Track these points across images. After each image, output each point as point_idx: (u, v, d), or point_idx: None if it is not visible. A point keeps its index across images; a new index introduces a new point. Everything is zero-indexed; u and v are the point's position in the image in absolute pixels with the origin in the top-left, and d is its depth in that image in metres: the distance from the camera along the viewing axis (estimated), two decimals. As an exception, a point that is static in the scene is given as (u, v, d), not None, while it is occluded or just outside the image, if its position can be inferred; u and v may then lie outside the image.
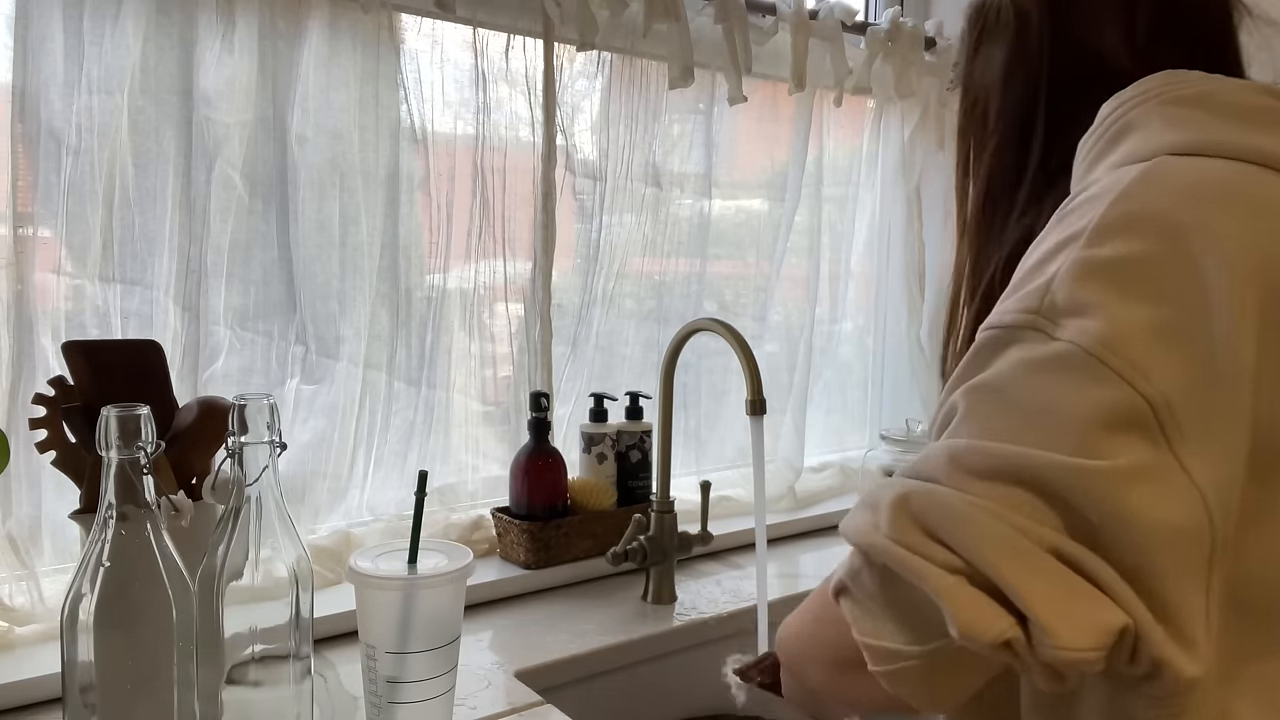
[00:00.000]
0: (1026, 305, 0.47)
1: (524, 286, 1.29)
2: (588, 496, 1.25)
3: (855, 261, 1.70)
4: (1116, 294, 0.45)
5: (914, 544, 0.44)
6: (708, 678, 1.16)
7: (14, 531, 0.95)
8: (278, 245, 1.10)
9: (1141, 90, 0.56)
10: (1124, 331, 0.44)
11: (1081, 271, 0.46)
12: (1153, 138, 0.53)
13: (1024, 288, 0.49)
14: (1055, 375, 0.45)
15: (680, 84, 1.30)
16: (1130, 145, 0.54)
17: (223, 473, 0.73)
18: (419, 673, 0.76)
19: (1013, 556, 0.42)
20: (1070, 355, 0.45)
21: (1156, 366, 0.43)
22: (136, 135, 1.00)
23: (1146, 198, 0.48)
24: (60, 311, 0.98)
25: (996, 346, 0.48)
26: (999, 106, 0.66)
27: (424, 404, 1.22)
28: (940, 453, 0.46)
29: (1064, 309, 0.46)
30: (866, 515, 0.47)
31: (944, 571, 0.43)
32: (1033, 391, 0.45)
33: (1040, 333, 0.46)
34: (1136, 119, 0.55)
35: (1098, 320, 0.45)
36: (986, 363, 0.48)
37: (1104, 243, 0.47)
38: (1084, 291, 0.46)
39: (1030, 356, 0.46)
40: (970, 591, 0.42)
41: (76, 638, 0.65)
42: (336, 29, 1.10)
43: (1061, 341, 0.45)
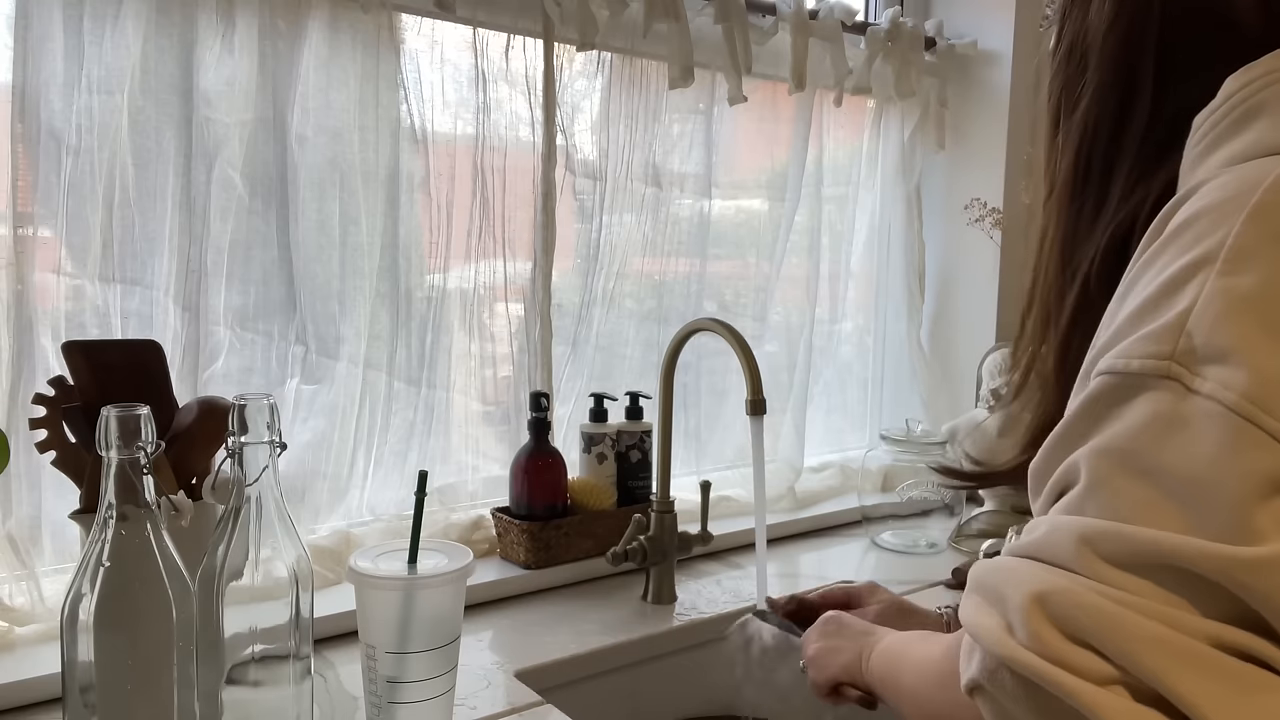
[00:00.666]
0: (1157, 349, 0.40)
1: (524, 286, 1.29)
2: (588, 496, 1.25)
3: (855, 261, 1.70)
4: (1266, 333, 0.38)
5: (1060, 655, 0.39)
6: (708, 678, 1.16)
7: (14, 531, 0.95)
8: (278, 245, 1.10)
9: (1274, 66, 0.47)
10: (1277, 382, 0.38)
11: (1222, 307, 0.39)
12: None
13: (1149, 322, 0.41)
14: (1197, 439, 0.39)
15: (680, 84, 1.30)
16: (1258, 132, 0.45)
17: (223, 473, 0.73)
18: (419, 673, 0.76)
19: (1174, 657, 0.37)
20: (1213, 415, 0.38)
21: None
22: (136, 135, 1.00)
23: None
24: (60, 311, 0.98)
25: (1120, 397, 0.41)
26: (1100, 53, 0.55)
27: (424, 404, 1.22)
28: (1069, 534, 0.40)
29: (1203, 355, 0.39)
30: (994, 616, 0.42)
31: (1099, 686, 0.38)
32: (1171, 459, 0.39)
33: (1176, 383, 0.39)
34: (1269, 100, 0.46)
35: (1244, 370, 0.38)
36: (1107, 417, 0.42)
37: (1246, 267, 0.39)
38: (1226, 333, 0.39)
39: (1165, 413, 0.40)
40: (1133, 707, 0.37)
41: (76, 638, 0.65)
42: (336, 29, 1.10)
43: (1201, 396, 0.39)
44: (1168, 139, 0.52)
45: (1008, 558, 0.43)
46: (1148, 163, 0.54)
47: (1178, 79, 0.52)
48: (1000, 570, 0.43)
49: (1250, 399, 0.38)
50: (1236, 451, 0.38)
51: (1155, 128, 0.54)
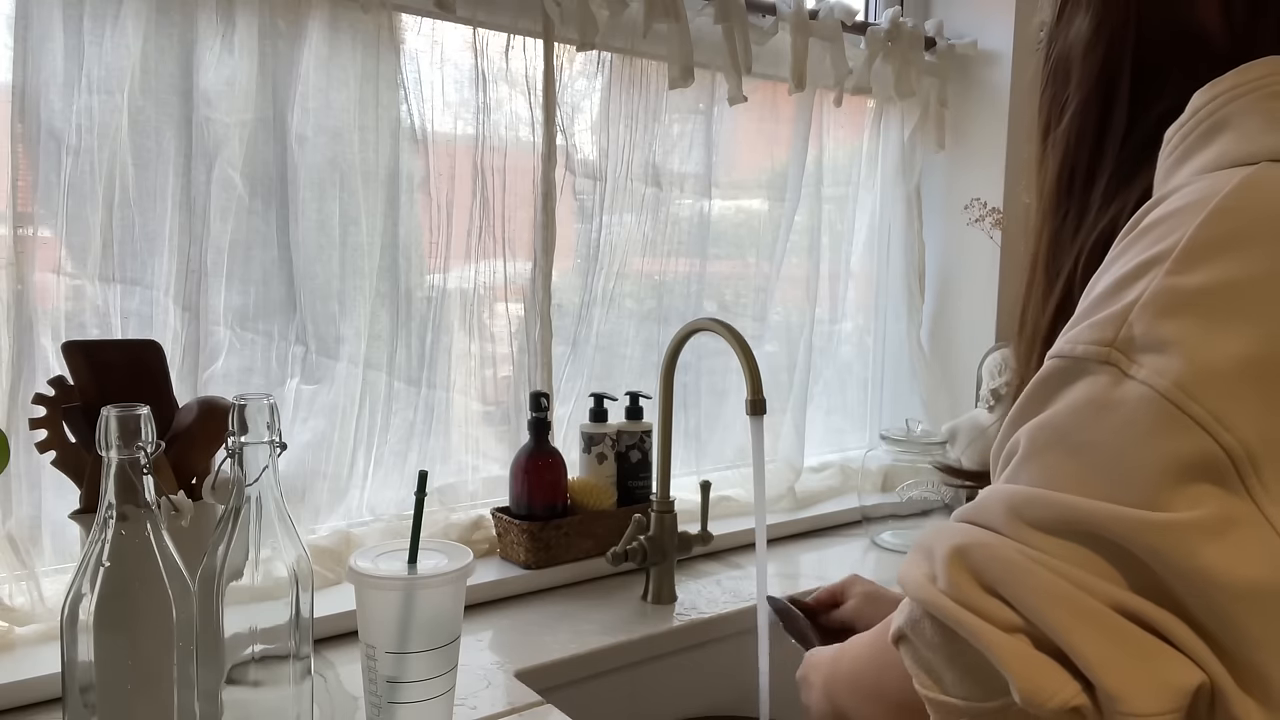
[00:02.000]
0: (1100, 336, 0.44)
1: (524, 286, 1.29)
2: (588, 496, 1.25)
3: (855, 261, 1.70)
4: (1202, 328, 0.41)
5: (972, 601, 0.42)
6: (708, 678, 1.16)
7: (14, 531, 0.95)
8: (278, 245, 1.10)
9: (1242, 80, 0.49)
10: (1207, 373, 0.40)
11: (1165, 302, 0.42)
12: (1252, 138, 0.47)
13: (1099, 312, 0.45)
14: (1126, 419, 0.41)
15: (680, 84, 1.30)
16: (1223, 145, 0.48)
17: (223, 473, 0.73)
18: (419, 673, 0.76)
19: (1076, 615, 0.40)
20: (1145, 399, 0.41)
21: (1241, 412, 0.40)
22: (136, 135, 1.00)
23: (1244, 214, 0.43)
24: (60, 311, 0.98)
25: (1064, 379, 0.45)
26: (1081, 69, 0.58)
27: (424, 404, 1.22)
28: (999, 500, 0.44)
29: (1141, 344, 0.42)
30: (923, 565, 0.45)
31: (1004, 632, 0.41)
32: (1100, 436, 0.42)
33: (1114, 368, 0.43)
34: (1233, 114, 0.48)
35: (1178, 359, 0.41)
36: (1051, 397, 0.45)
37: (1193, 268, 0.42)
38: (1166, 326, 0.42)
39: (1100, 396, 0.43)
40: (1032, 654, 0.41)
41: (76, 638, 0.65)
42: (336, 29, 1.10)
43: (1136, 381, 0.42)
44: (1145, 150, 0.55)
45: (946, 523, 0.47)
46: (1126, 172, 0.57)
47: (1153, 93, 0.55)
48: (936, 531, 0.46)
49: (1181, 386, 0.40)
50: (1162, 434, 0.40)
51: (1132, 139, 0.57)
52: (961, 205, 1.65)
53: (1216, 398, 0.40)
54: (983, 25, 1.67)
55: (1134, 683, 0.39)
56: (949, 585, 0.43)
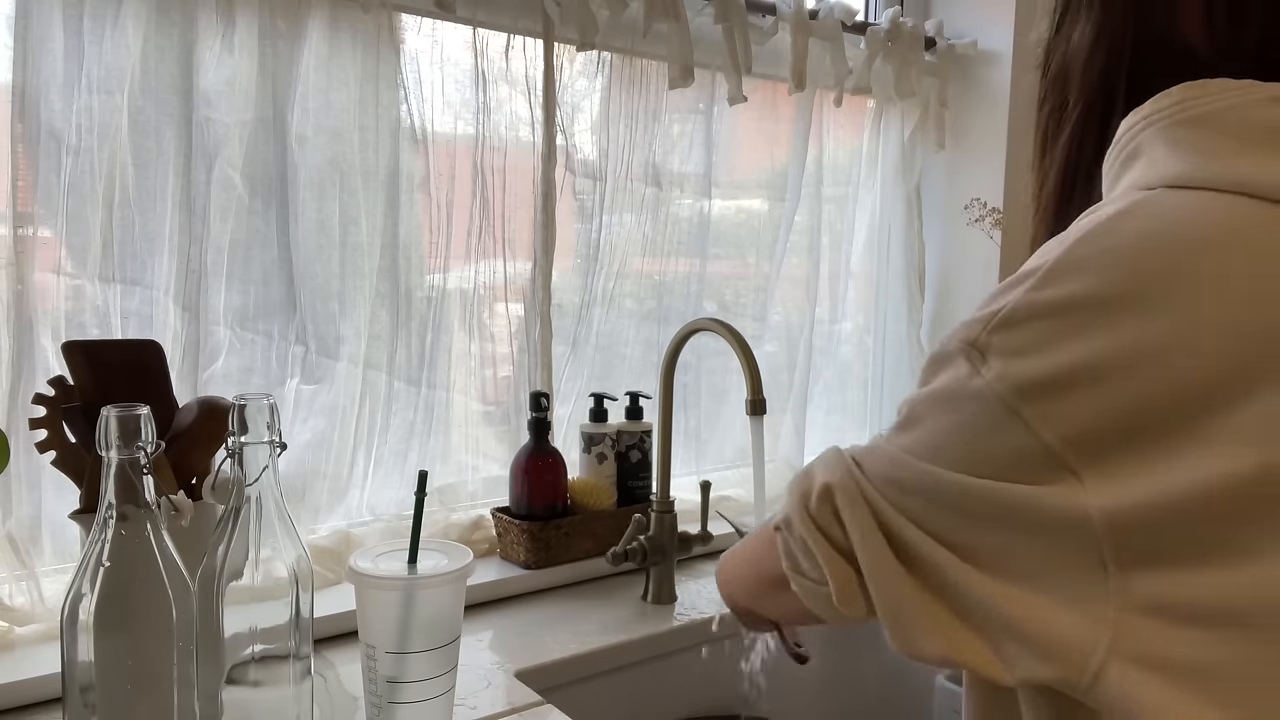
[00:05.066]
0: (968, 335, 0.51)
1: (524, 286, 1.29)
2: (588, 496, 1.25)
3: (855, 261, 1.69)
4: (1044, 339, 0.47)
5: (824, 526, 0.56)
6: (708, 678, 1.16)
7: (14, 531, 0.95)
8: (278, 245, 1.10)
9: (1156, 108, 0.52)
10: (1037, 383, 0.47)
11: (1020, 314, 0.49)
12: (1155, 167, 0.50)
13: (978, 312, 0.51)
14: (973, 411, 0.50)
15: (680, 84, 1.30)
16: (1134, 174, 0.52)
17: (223, 473, 0.73)
18: (419, 673, 0.76)
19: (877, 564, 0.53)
20: (986, 397, 0.49)
21: (1067, 415, 0.47)
22: (136, 135, 1.00)
23: (1104, 239, 0.48)
24: (60, 311, 0.98)
25: (940, 364, 0.53)
26: (1081, 80, 0.60)
27: (424, 404, 1.22)
28: (879, 455, 0.55)
29: (995, 348, 0.49)
30: (805, 484, 0.58)
31: (839, 556, 0.55)
32: (955, 423, 0.51)
33: (970, 365, 0.50)
34: (1143, 143, 0.52)
35: (1015, 368, 0.48)
36: (931, 376, 0.54)
37: (1050, 285, 0.48)
38: (1015, 336, 0.48)
39: (957, 386, 0.51)
40: (847, 572, 0.55)
41: (76, 638, 0.65)
42: (336, 29, 1.10)
43: (983, 379, 0.49)
44: None
45: (838, 452, 0.59)
46: None
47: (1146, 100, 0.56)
48: (826, 461, 0.58)
49: (1017, 390, 0.48)
50: (998, 429, 0.49)
51: None
52: (961, 205, 1.65)
53: (1043, 403, 0.47)
54: (983, 25, 1.67)
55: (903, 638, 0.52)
56: (816, 511, 0.56)
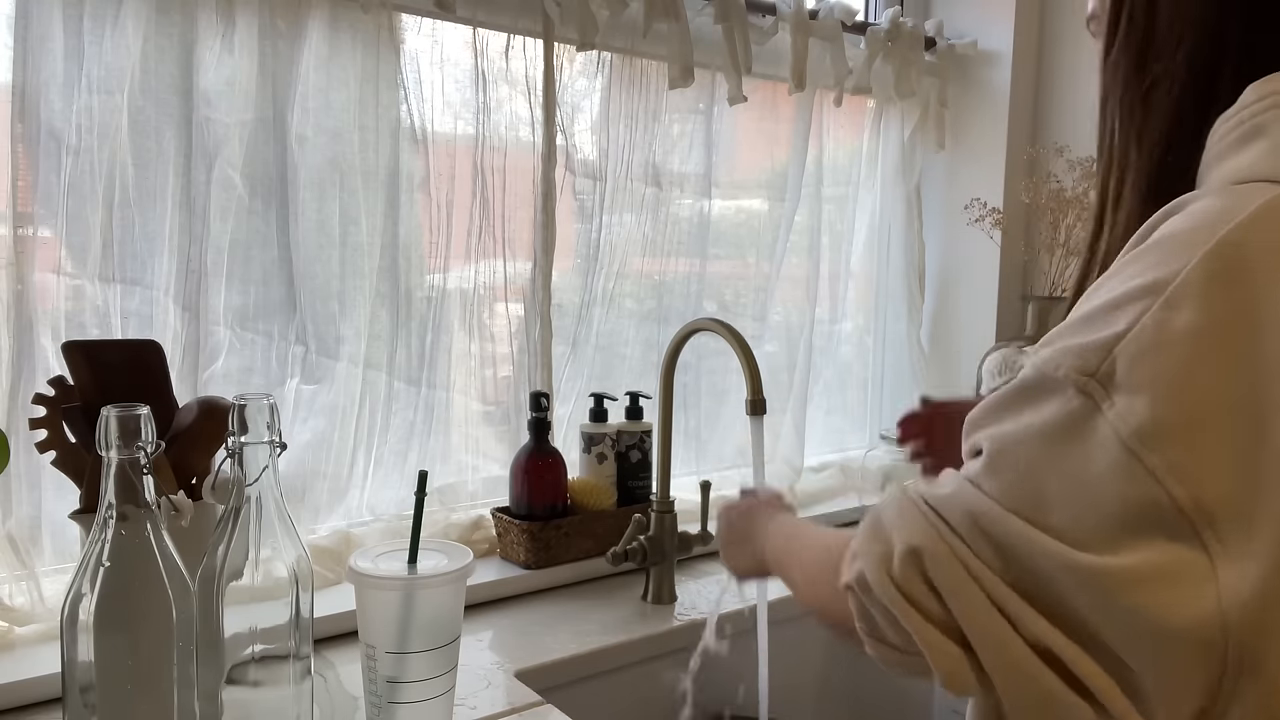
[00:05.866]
0: (1083, 364, 0.43)
1: (524, 286, 1.29)
2: (588, 496, 1.25)
3: (855, 261, 1.69)
4: (1181, 373, 0.40)
5: (917, 597, 0.47)
6: (708, 678, 1.16)
7: (14, 531, 0.95)
8: (278, 245, 1.10)
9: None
10: (1172, 425, 0.40)
11: (1150, 341, 0.41)
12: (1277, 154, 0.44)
13: (1090, 332, 0.43)
14: (1087, 456, 0.42)
15: (680, 84, 1.30)
16: (1254, 155, 0.45)
17: (223, 473, 0.73)
18: (419, 673, 0.76)
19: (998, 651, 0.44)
20: (1107, 440, 0.41)
21: (1201, 467, 0.39)
22: (136, 135, 1.00)
23: (1245, 250, 0.40)
24: (60, 311, 0.98)
25: (1039, 393, 0.45)
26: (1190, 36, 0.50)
27: (424, 404, 1.22)
28: (964, 506, 0.47)
29: (1119, 382, 0.41)
30: (880, 547, 0.50)
31: (937, 630, 0.47)
32: (1062, 465, 0.43)
33: (1088, 399, 0.42)
34: (1271, 122, 0.45)
35: (1145, 406, 0.40)
36: (1025, 406, 0.45)
37: (1182, 304, 0.41)
38: (1144, 368, 0.41)
39: (1069, 425, 0.43)
40: (955, 652, 0.46)
41: (76, 638, 0.65)
42: (336, 29, 1.10)
43: (1104, 419, 0.41)
44: None
45: (912, 501, 0.49)
46: None
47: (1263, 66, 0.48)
48: (901, 513, 0.49)
49: (1141, 437, 0.40)
50: (1117, 479, 0.41)
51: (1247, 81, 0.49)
52: (961, 205, 1.65)
53: (1178, 450, 0.40)
54: (983, 25, 1.67)
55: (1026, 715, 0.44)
56: (903, 580, 0.48)
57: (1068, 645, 0.43)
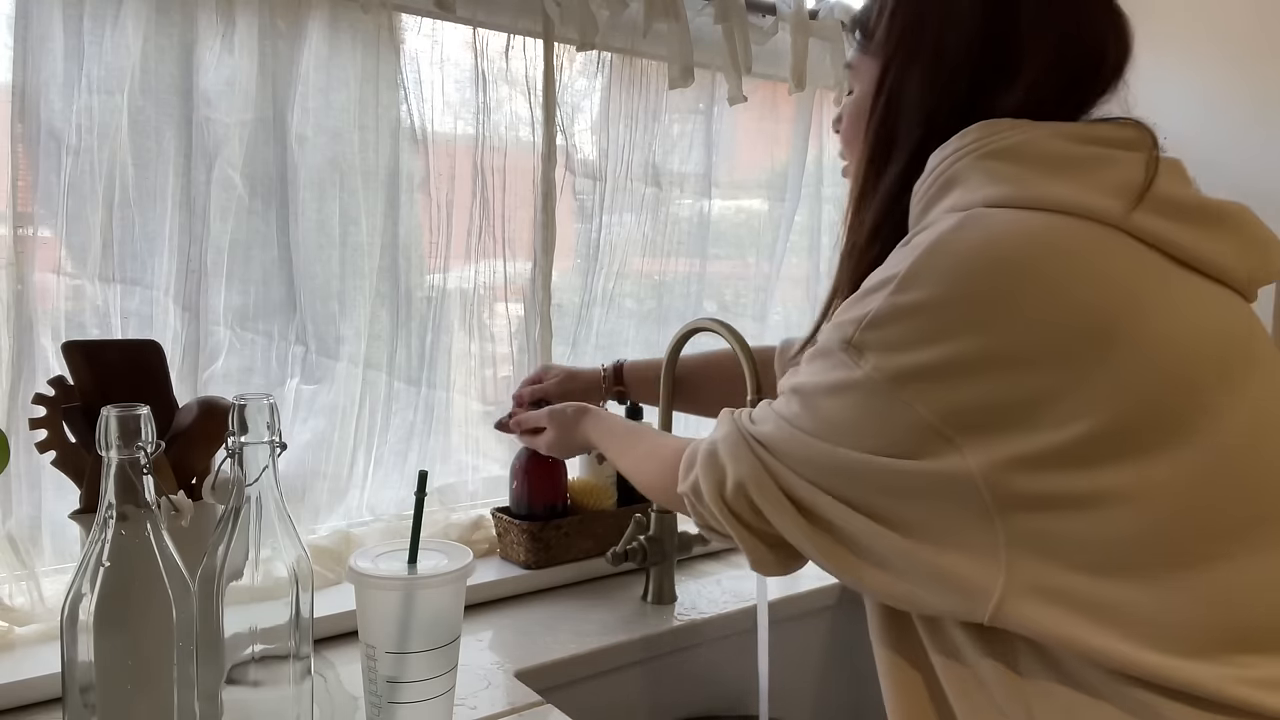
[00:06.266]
0: (843, 335, 0.61)
1: (524, 286, 1.29)
2: (588, 496, 1.25)
3: (855, 261, 1.69)
4: (912, 335, 0.58)
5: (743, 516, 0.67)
6: (708, 678, 1.16)
7: (14, 531, 0.95)
8: (278, 245, 1.10)
9: (963, 143, 0.64)
10: (910, 370, 0.58)
11: (886, 315, 0.60)
12: (974, 191, 0.62)
13: (849, 313, 0.62)
14: (862, 397, 0.60)
15: (680, 84, 1.30)
16: (953, 198, 0.63)
17: (223, 473, 0.73)
18: (419, 673, 0.76)
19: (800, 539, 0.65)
20: (869, 385, 0.60)
21: (939, 398, 0.58)
22: (136, 135, 1.00)
23: (949, 248, 0.59)
24: (60, 311, 0.98)
25: (821, 358, 0.63)
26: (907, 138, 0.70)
27: (424, 404, 1.22)
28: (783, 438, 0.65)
29: (869, 344, 0.60)
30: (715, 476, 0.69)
31: (754, 537, 0.68)
32: (846, 404, 0.62)
33: (850, 360, 0.61)
34: (959, 173, 0.64)
35: (891, 359, 0.59)
36: (817, 365, 0.64)
37: (907, 289, 0.59)
38: (885, 332, 0.59)
39: (844, 379, 0.61)
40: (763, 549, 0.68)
41: (76, 638, 0.65)
42: (336, 29, 1.10)
43: (863, 371, 0.60)
44: None
45: (742, 438, 0.67)
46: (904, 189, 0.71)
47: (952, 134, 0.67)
48: (733, 450, 0.67)
49: (892, 379, 0.59)
50: (884, 410, 0.60)
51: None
52: (961, 205, 1.65)
53: (918, 384, 0.58)
54: (983, 25, 1.67)
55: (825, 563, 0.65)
56: (733, 501, 0.67)
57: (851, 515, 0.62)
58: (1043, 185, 0.60)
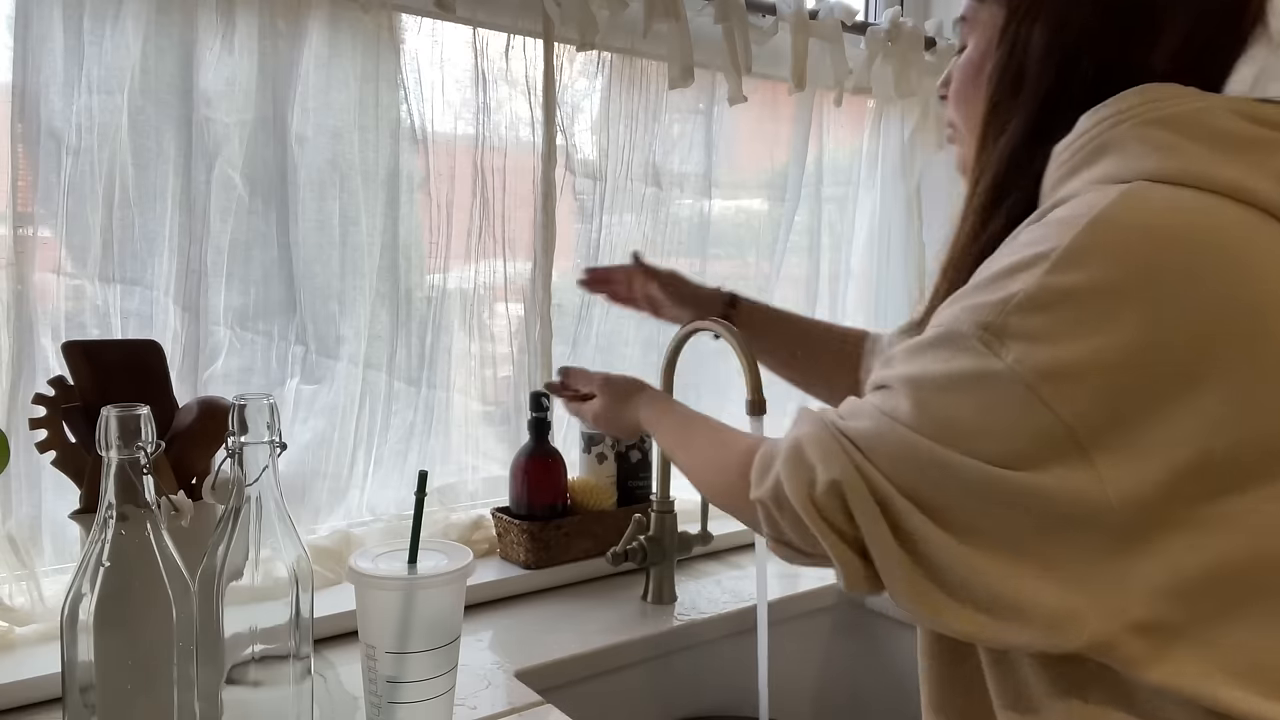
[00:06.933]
0: (982, 318, 0.53)
1: (524, 286, 1.29)
2: (588, 496, 1.25)
3: (855, 261, 1.69)
4: (1067, 324, 0.50)
5: (836, 522, 0.57)
6: (708, 678, 1.16)
7: (14, 531, 0.95)
8: (278, 245, 1.10)
9: (1121, 107, 0.57)
10: (1061, 364, 0.50)
11: (1039, 299, 0.51)
12: (1130, 161, 0.55)
13: (986, 294, 0.53)
14: (995, 392, 0.52)
15: (680, 84, 1.30)
16: (1106, 166, 0.56)
17: (223, 473, 0.73)
18: (419, 673, 0.76)
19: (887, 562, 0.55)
20: (1008, 378, 0.51)
21: (1085, 398, 0.50)
22: (136, 135, 1.00)
23: (1115, 227, 0.51)
24: (60, 311, 0.98)
25: (947, 345, 0.54)
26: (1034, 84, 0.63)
27: (424, 404, 1.22)
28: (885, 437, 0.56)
29: (1014, 332, 0.51)
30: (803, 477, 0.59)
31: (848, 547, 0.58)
32: (971, 400, 0.53)
33: (987, 348, 0.52)
34: (1114, 139, 0.56)
35: (1041, 349, 0.51)
36: (937, 355, 0.55)
37: (1066, 270, 0.51)
38: (1036, 319, 0.51)
39: (975, 370, 0.52)
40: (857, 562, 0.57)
41: (76, 638, 0.65)
42: (336, 29, 1.10)
43: (1004, 363, 0.51)
44: None
45: (832, 435, 0.58)
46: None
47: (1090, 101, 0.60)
48: (823, 447, 0.58)
49: (1039, 373, 0.50)
50: (1018, 407, 0.51)
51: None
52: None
53: (1063, 384, 0.50)
54: (983, 25, 1.67)
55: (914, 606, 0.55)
56: (824, 506, 0.57)
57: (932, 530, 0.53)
58: (1211, 164, 0.53)
